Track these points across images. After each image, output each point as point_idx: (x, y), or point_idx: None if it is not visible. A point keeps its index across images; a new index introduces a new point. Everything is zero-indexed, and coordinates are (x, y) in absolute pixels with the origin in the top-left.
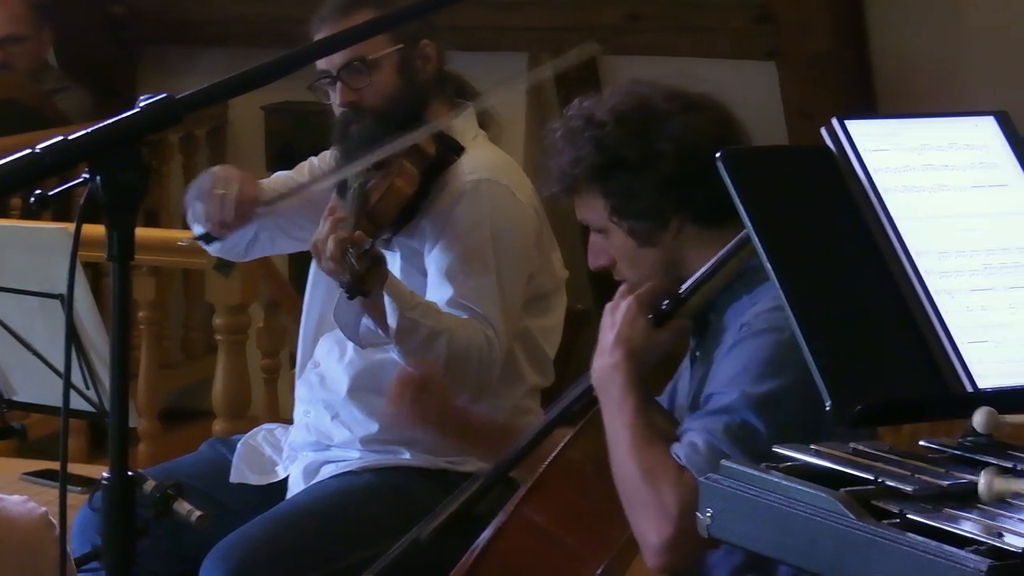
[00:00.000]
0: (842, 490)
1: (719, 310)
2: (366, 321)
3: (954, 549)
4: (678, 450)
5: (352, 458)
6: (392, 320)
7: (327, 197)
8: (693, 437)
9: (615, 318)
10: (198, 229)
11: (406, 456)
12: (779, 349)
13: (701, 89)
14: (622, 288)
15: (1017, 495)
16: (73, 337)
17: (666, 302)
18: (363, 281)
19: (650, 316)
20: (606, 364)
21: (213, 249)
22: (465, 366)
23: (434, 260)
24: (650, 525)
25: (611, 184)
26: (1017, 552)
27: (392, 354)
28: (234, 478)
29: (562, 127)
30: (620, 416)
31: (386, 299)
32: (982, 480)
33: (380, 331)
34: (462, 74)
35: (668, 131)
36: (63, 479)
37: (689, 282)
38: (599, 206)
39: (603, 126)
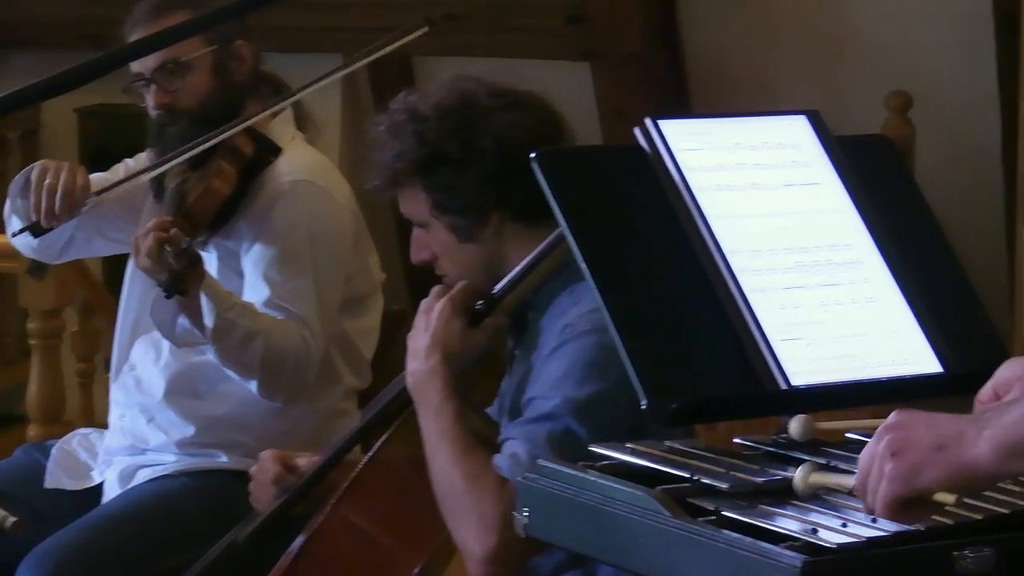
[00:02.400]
0: (658, 488)
1: (538, 308)
2: (183, 321)
3: (769, 545)
4: (500, 461)
5: (168, 462)
6: (209, 320)
7: (144, 198)
8: (515, 447)
9: (430, 320)
10: (16, 224)
11: (223, 459)
12: (601, 351)
13: (525, 88)
14: (436, 289)
15: (830, 490)
16: None
17: (480, 302)
18: (180, 280)
19: (465, 318)
20: (422, 368)
21: (29, 248)
22: (281, 367)
23: (251, 261)
24: (472, 535)
25: (433, 179)
26: (832, 547)
27: (208, 356)
28: (49, 483)
29: (386, 120)
30: (438, 422)
31: (203, 299)
32: (797, 474)
33: (196, 331)
34: (278, 74)
35: (490, 128)
36: None
37: (503, 282)
38: (421, 200)
39: (426, 120)
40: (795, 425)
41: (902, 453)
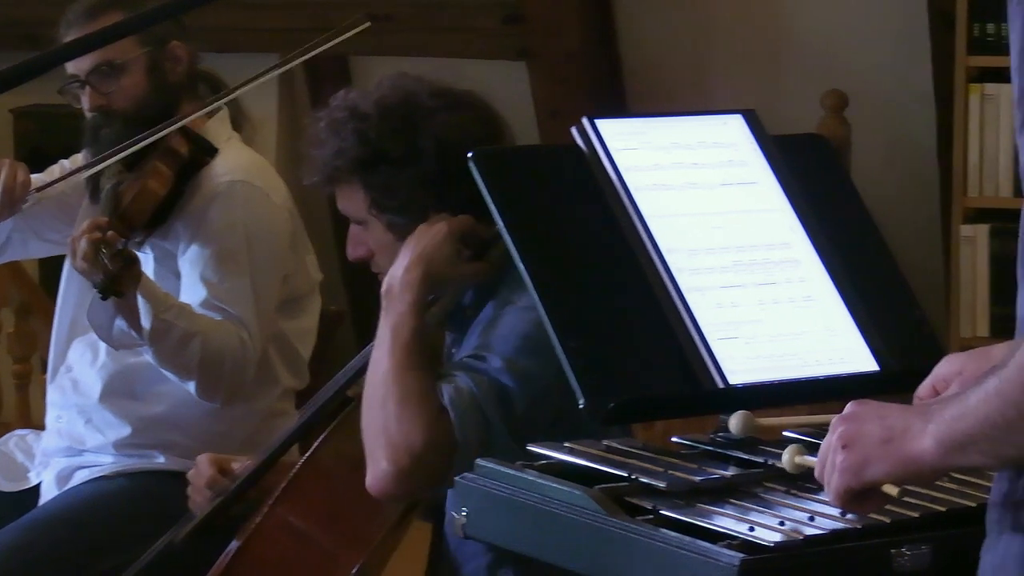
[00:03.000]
0: (596, 487)
1: (476, 306)
2: (119, 322)
3: (708, 544)
4: (444, 388)
5: (105, 463)
6: (146, 321)
7: (80, 199)
8: (460, 381)
9: (429, 233)
10: None
11: (160, 460)
12: (541, 330)
13: (465, 88)
14: (437, 217)
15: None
16: None
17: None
18: (116, 281)
19: (458, 248)
20: (401, 277)
21: None
22: (219, 368)
23: (188, 262)
24: (387, 450)
25: (372, 177)
26: (769, 545)
27: (145, 357)
28: None
29: (327, 117)
30: (396, 332)
31: (140, 300)
32: (785, 455)
33: (133, 332)
34: (214, 73)
35: (432, 128)
36: None
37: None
38: (359, 198)
39: (367, 119)
40: (735, 421)
41: (852, 446)
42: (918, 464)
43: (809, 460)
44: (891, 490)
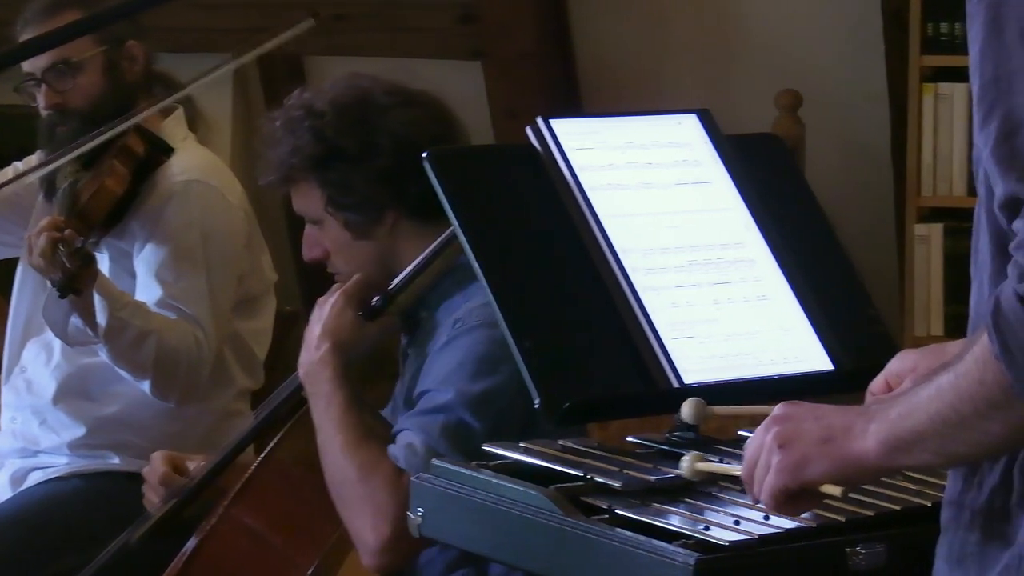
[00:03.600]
0: (552, 487)
1: (431, 306)
2: (75, 320)
3: (663, 544)
4: (395, 451)
5: (60, 464)
6: (101, 319)
7: (33, 200)
8: (410, 438)
9: (323, 311)
10: None
11: (115, 461)
12: (493, 345)
13: (419, 86)
14: (336, 285)
15: (717, 477)
16: None
17: (376, 297)
18: (74, 279)
19: (360, 312)
20: (313, 358)
21: None
22: (175, 367)
23: (143, 261)
24: (367, 526)
25: (328, 175)
26: (724, 545)
27: (101, 357)
28: None
29: (282, 116)
30: (329, 411)
31: (96, 298)
32: (683, 462)
33: (89, 331)
34: (170, 74)
35: (386, 125)
36: None
37: (399, 277)
38: (316, 196)
39: (323, 116)
40: (687, 408)
41: (789, 445)
42: (860, 464)
43: (712, 467)
44: (834, 490)
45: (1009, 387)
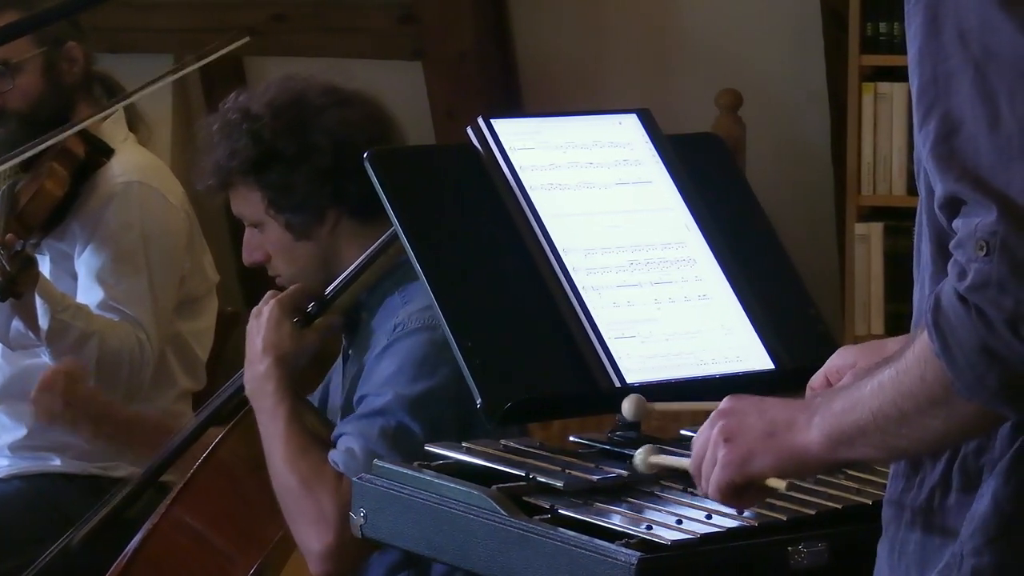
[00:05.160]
0: (494, 487)
1: (370, 308)
2: (16, 323)
3: (605, 543)
4: (335, 457)
5: (1, 466)
6: (43, 322)
7: None
8: (350, 442)
9: (260, 323)
10: None
11: (56, 462)
12: (432, 348)
13: (354, 87)
14: (269, 293)
15: (670, 470)
16: None
17: (312, 304)
18: (14, 283)
19: (296, 319)
20: (256, 373)
21: None
22: (117, 369)
23: (84, 263)
24: (311, 533)
25: (267, 177)
26: (666, 544)
27: (42, 358)
28: None
29: (218, 121)
30: (273, 425)
31: (37, 301)
32: (637, 455)
33: (31, 333)
34: (110, 74)
35: (323, 124)
36: None
37: (335, 283)
38: (255, 199)
39: (259, 119)
40: (627, 405)
41: (734, 439)
42: (804, 457)
43: (665, 460)
44: (778, 483)
45: (949, 384)
